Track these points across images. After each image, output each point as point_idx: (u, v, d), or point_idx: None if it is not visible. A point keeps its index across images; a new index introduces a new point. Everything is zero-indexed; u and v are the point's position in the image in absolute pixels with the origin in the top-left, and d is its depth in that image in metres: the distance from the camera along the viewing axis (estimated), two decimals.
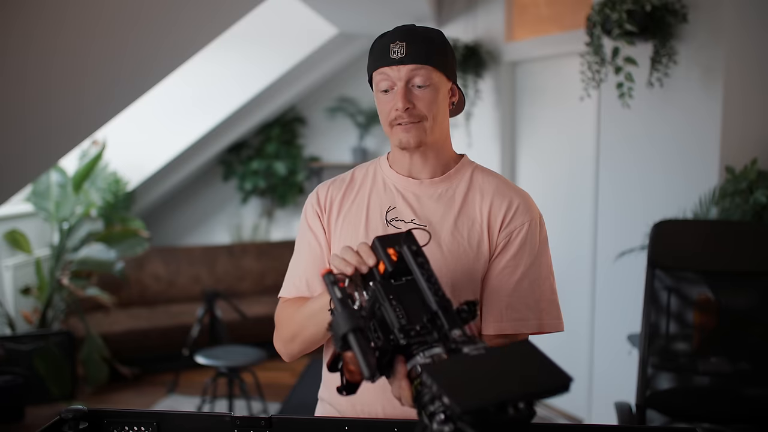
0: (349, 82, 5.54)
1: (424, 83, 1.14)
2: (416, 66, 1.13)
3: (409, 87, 1.13)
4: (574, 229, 3.43)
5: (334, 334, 0.85)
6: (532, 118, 3.81)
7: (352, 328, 0.82)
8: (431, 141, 1.18)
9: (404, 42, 1.13)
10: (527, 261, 1.17)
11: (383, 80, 1.15)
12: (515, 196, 1.20)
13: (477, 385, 0.70)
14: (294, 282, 1.23)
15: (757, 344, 2.11)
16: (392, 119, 1.15)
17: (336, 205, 1.23)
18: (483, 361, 0.76)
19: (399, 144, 1.17)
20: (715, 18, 2.53)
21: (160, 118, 4.72)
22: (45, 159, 2.96)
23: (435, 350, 0.82)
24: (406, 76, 1.13)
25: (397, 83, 1.13)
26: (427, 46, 1.14)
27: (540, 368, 0.73)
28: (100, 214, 4.57)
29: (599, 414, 3.18)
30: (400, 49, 1.13)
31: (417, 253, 0.93)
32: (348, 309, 0.84)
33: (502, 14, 3.87)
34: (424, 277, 0.90)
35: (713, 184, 2.55)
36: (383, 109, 1.17)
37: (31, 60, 2.18)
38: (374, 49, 1.17)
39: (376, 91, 1.17)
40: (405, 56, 1.12)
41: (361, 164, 1.30)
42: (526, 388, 0.70)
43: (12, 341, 3.36)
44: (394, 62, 1.13)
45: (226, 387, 3.48)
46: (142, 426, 1.07)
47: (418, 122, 1.14)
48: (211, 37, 3.02)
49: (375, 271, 0.93)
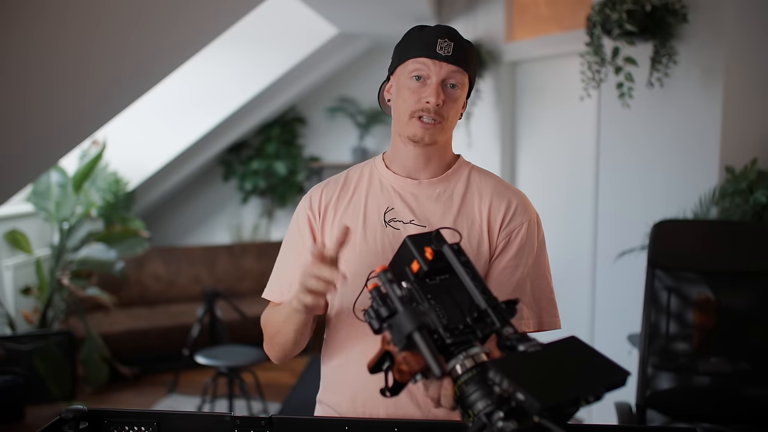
0: (349, 82, 5.54)
1: (456, 85, 1.15)
2: (457, 68, 1.14)
3: (442, 85, 1.14)
4: (574, 229, 3.43)
5: (395, 334, 0.83)
6: (532, 118, 3.81)
7: (418, 327, 0.81)
8: (440, 142, 1.18)
9: (453, 42, 1.14)
10: (527, 260, 1.17)
11: (419, 69, 1.14)
12: (513, 196, 1.20)
13: (547, 381, 0.71)
14: (280, 288, 1.23)
15: (757, 344, 2.11)
16: (417, 109, 1.14)
17: (331, 207, 1.22)
18: (543, 358, 0.76)
19: (414, 136, 1.16)
20: (715, 18, 2.54)
21: (160, 118, 4.72)
22: (45, 159, 2.96)
23: (474, 350, 0.81)
24: (445, 74, 1.13)
25: (433, 77, 1.13)
26: (469, 52, 1.16)
27: (597, 364, 0.75)
28: (100, 214, 4.57)
29: (599, 414, 3.18)
30: (447, 47, 1.13)
31: (459, 251, 0.92)
32: (410, 307, 0.83)
33: (502, 14, 3.87)
34: (469, 276, 0.89)
35: (713, 184, 2.55)
36: (409, 97, 1.15)
37: (31, 60, 2.18)
38: (414, 39, 1.16)
39: (406, 78, 1.16)
40: (451, 55, 1.13)
41: (354, 165, 1.29)
42: (593, 383, 0.71)
43: (12, 341, 3.36)
44: (439, 57, 1.13)
45: (226, 387, 3.48)
46: (142, 426, 1.07)
47: (440, 122, 1.15)
48: (211, 38, 3.02)
49: (408, 271, 0.92)
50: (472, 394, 0.77)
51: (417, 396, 1.14)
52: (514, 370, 0.72)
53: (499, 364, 0.73)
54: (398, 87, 1.18)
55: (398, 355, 0.83)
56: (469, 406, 0.77)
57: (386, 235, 1.17)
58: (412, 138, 1.16)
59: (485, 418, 0.74)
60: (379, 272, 0.88)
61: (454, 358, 0.81)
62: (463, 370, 0.80)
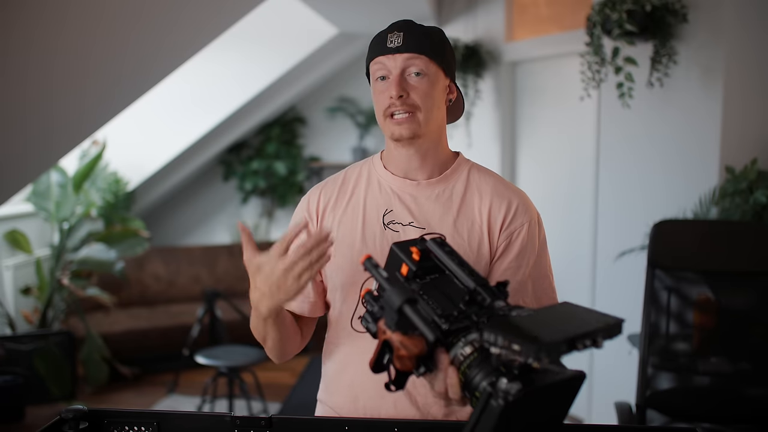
0: (349, 82, 5.54)
1: (420, 71, 1.13)
2: (412, 55, 1.12)
3: (404, 76, 1.13)
4: (574, 229, 3.43)
5: (387, 315, 0.84)
6: (532, 118, 3.81)
7: (406, 299, 0.82)
8: (425, 134, 1.15)
9: (402, 32, 1.13)
10: (528, 261, 1.16)
11: (379, 69, 1.14)
12: (514, 196, 1.19)
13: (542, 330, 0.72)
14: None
15: (757, 344, 2.11)
16: (386, 108, 1.14)
17: (330, 208, 1.21)
18: (536, 318, 0.77)
19: (392, 135, 1.15)
20: (715, 18, 2.53)
21: (160, 117, 4.72)
22: (45, 159, 2.96)
23: (472, 336, 0.82)
24: (402, 65, 1.12)
25: (393, 71, 1.13)
26: (424, 37, 1.14)
27: (591, 314, 0.76)
28: (100, 214, 4.57)
29: (599, 414, 3.18)
30: (397, 39, 1.12)
31: (443, 243, 0.93)
32: (397, 283, 0.85)
33: (502, 14, 3.87)
34: (455, 262, 0.90)
35: (713, 184, 2.55)
36: (378, 99, 1.15)
37: (32, 60, 2.18)
38: (372, 42, 1.17)
39: (373, 82, 1.16)
40: (401, 45, 1.12)
41: (353, 164, 1.28)
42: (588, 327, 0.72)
43: (12, 341, 3.36)
44: (390, 51, 1.12)
45: (226, 387, 3.48)
46: (142, 426, 1.07)
47: (412, 113, 1.13)
48: (211, 37, 3.02)
49: (399, 276, 0.92)
50: (476, 376, 0.78)
51: (416, 398, 1.14)
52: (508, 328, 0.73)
53: (493, 324, 0.75)
54: (372, 92, 1.18)
55: (395, 341, 0.84)
56: (474, 388, 0.78)
57: (385, 238, 1.15)
58: (393, 137, 1.16)
59: (490, 387, 0.75)
60: (364, 260, 0.90)
61: (454, 347, 0.82)
62: (464, 356, 0.80)
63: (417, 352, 0.83)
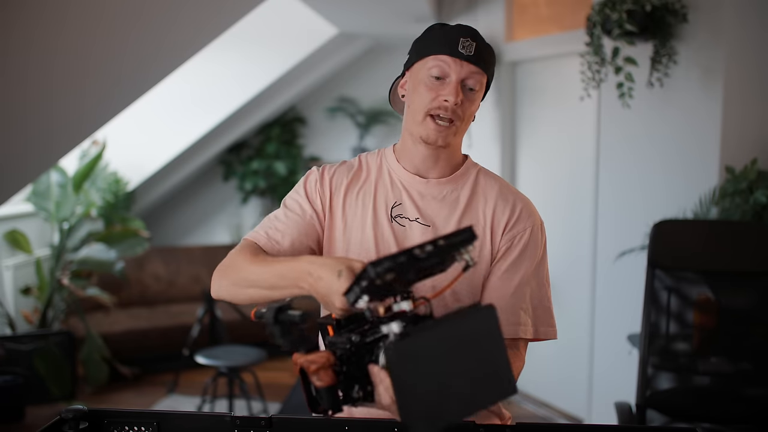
0: (349, 82, 5.54)
1: (474, 87, 1.13)
2: (478, 69, 1.12)
3: (461, 85, 1.12)
4: (574, 229, 3.43)
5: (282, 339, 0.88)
6: (532, 118, 3.81)
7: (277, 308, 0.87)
8: (452, 143, 1.17)
9: (475, 42, 1.12)
10: (527, 266, 1.17)
11: (438, 67, 1.12)
12: (518, 200, 1.19)
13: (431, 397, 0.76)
14: (270, 233, 1.16)
15: (757, 344, 2.12)
16: (433, 108, 1.12)
17: (342, 189, 1.20)
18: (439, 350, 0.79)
19: (426, 138, 1.14)
20: (715, 18, 2.54)
21: (160, 117, 4.72)
22: (45, 159, 2.96)
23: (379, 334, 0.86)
24: (465, 74, 1.11)
25: (452, 77, 1.11)
26: (490, 56, 1.14)
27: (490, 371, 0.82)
28: (100, 214, 4.57)
29: (599, 414, 3.18)
30: (469, 47, 1.11)
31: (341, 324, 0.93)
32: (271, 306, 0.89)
33: (502, 14, 3.87)
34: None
35: (713, 184, 2.55)
36: (426, 95, 1.13)
37: (32, 60, 2.18)
38: (436, 36, 1.14)
39: (424, 75, 1.13)
40: (473, 55, 1.11)
41: (367, 152, 1.27)
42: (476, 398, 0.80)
43: (12, 341, 3.36)
44: (461, 56, 1.11)
45: (226, 387, 3.48)
46: (142, 426, 1.07)
47: (452, 122, 1.13)
48: (211, 37, 3.02)
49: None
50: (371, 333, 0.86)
51: None
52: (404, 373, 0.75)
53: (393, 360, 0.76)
54: (415, 83, 1.15)
55: (302, 362, 0.85)
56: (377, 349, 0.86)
57: (391, 231, 1.16)
58: (424, 139, 1.15)
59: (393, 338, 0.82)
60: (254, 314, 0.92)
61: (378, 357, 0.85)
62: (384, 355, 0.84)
63: (324, 361, 0.83)
